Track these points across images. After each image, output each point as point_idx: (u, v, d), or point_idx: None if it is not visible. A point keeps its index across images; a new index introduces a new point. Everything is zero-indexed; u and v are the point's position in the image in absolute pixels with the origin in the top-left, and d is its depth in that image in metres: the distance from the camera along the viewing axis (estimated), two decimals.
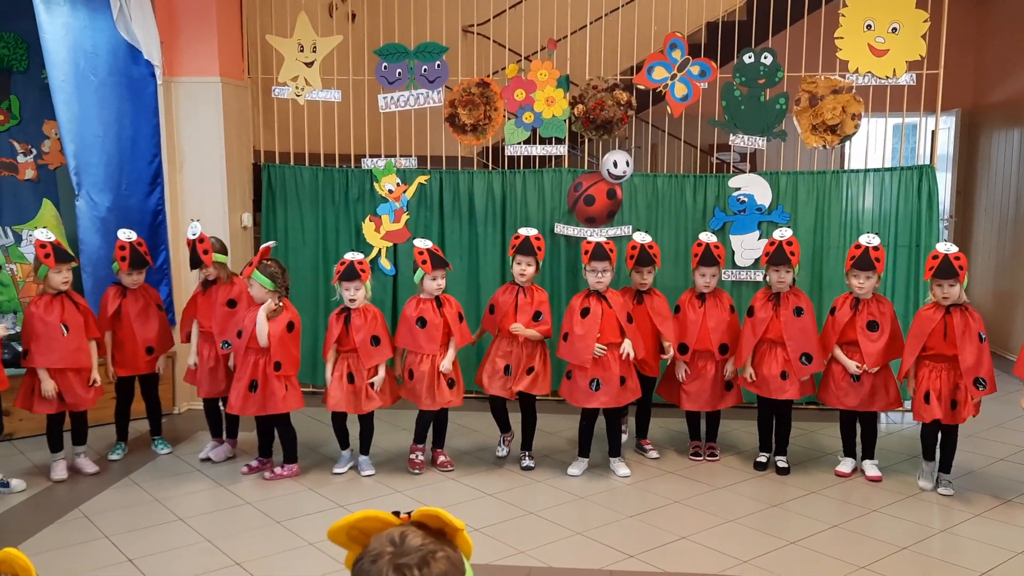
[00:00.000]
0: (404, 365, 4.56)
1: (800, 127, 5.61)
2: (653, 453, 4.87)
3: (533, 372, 4.56)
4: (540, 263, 4.65)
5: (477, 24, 6.21)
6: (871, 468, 4.56)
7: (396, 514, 1.29)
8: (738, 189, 5.70)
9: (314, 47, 5.82)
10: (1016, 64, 7.37)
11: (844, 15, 5.50)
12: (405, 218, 5.87)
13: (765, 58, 5.57)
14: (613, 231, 5.67)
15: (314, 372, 5.83)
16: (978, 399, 4.17)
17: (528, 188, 5.87)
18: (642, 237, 4.72)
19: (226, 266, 4.75)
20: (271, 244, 4.51)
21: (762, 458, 4.72)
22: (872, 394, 4.46)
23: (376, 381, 4.46)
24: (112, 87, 5.19)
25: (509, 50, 6.25)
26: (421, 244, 4.54)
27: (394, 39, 5.81)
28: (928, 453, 4.42)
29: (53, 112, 5.09)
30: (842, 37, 5.50)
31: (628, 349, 4.43)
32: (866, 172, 5.73)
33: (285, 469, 4.53)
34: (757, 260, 5.57)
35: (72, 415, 4.52)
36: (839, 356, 4.49)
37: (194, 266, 4.69)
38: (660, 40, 5.70)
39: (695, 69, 5.61)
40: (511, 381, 4.58)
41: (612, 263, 4.43)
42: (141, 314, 4.74)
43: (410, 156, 5.94)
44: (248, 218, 6.00)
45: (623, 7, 6.00)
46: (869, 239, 4.40)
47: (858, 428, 4.62)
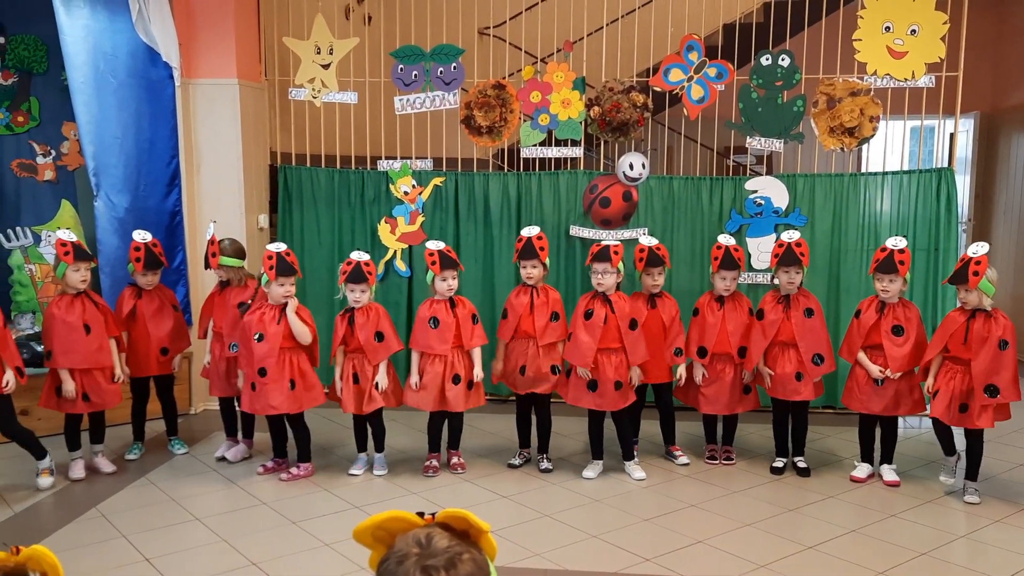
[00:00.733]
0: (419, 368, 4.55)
1: (817, 129, 5.58)
2: (683, 459, 4.81)
3: (559, 373, 4.58)
4: (546, 263, 4.62)
5: (493, 26, 6.21)
6: (889, 472, 4.53)
7: (420, 515, 1.28)
8: (755, 192, 5.68)
9: (331, 49, 5.84)
10: None
11: (862, 17, 5.47)
12: (420, 220, 5.87)
13: (782, 60, 5.55)
14: (628, 233, 5.65)
15: (329, 372, 5.83)
16: (991, 405, 4.12)
17: (543, 190, 5.86)
18: (648, 240, 4.73)
19: (240, 269, 4.75)
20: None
21: (779, 463, 4.69)
22: (896, 399, 4.42)
23: (379, 381, 4.46)
24: (131, 89, 5.22)
25: (525, 52, 6.25)
26: (433, 246, 4.54)
27: (410, 41, 5.82)
28: (947, 448, 4.40)
29: (72, 114, 5.13)
30: (860, 39, 5.47)
31: (636, 379, 4.46)
32: (884, 175, 5.69)
33: (301, 469, 4.54)
34: None
35: (90, 414, 4.55)
36: (863, 361, 4.45)
37: (206, 267, 4.74)
38: (677, 42, 5.69)
39: (712, 71, 5.59)
40: (526, 382, 4.59)
41: (614, 265, 4.39)
42: (156, 315, 4.77)
43: (426, 158, 5.95)
44: (264, 219, 6.02)
45: (639, 9, 5.99)
46: (895, 242, 4.37)
47: (877, 432, 4.59)
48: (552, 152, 5.80)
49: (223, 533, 3.83)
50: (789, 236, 4.54)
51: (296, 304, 4.39)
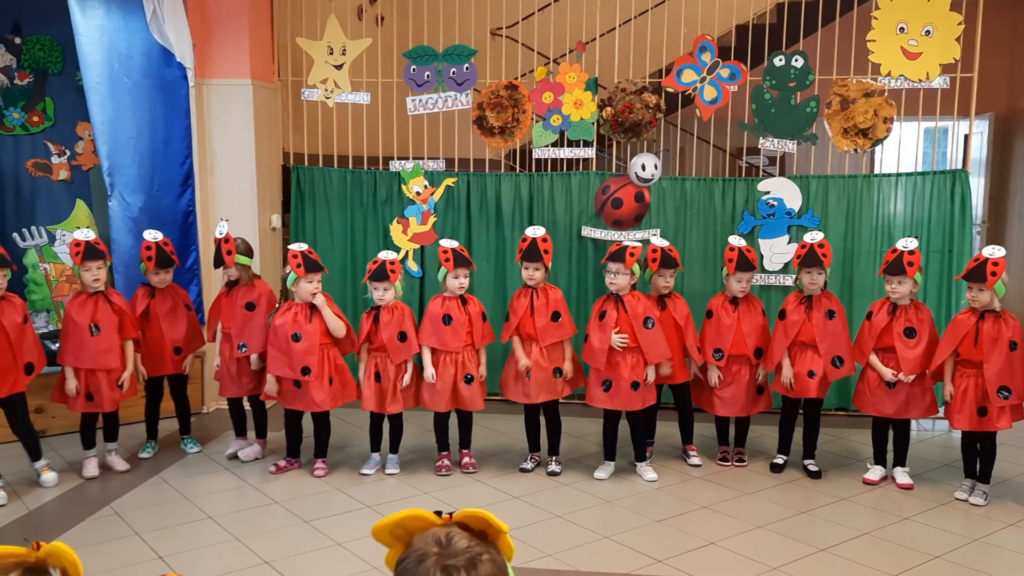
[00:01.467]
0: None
1: (831, 130, 5.56)
2: (695, 460, 4.80)
3: (561, 375, 4.56)
4: (548, 266, 4.57)
5: (506, 27, 6.21)
6: (902, 475, 4.50)
7: (438, 514, 1.28)
8: (767, 193, 5.66)
9: (343, 50, 5.86)
10: None
11: (876, 17, 5.45)
12: (432, 220, 5.88)
13: (796, 61, 5.53)
14: (640, 234, 5.65)
15: (354, 366, 5.84)
16: (1005, 407, 4.09)
17: (555, 191, 5.86)
18: (660, 241, 4.72)
19: (249, 268, 4.76)
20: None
21: (779, 460, 4.69)
22: (908, 401, 4.39)
23: (406, 379, 4.47)
24: (145, 89, 5.24)
25: (537, 53, 6.25)
26: (447, 243, 4.56)
27: (423, 42, 5.83)
28: (969, 469, 4.36)
29: (87, 114, 5.15)
30: (874, 40, 5.45)
31: (651, 376, 4.44)
32: (898, 176, 5.66)
33: (317, 466, 4.58)
34: (787, 264, 5.53)
35: (104, 413, 4.57)
36: (874, 363, 4.43)
37: (217, 265, 4.73)
38: (689, 43, 5.67)
39: (725, 72, 5.58)
40: (529, 386, 4.56)
41: (628, 267, 4.37)
42: (169, 314, 4.78)
43: (438, 158, 5.96)
44: (277, 219, 6.04)
45: (652, 9, 5.98)
46: (906, 243, 4.34)
47: (890, 434, 4.56)
48: (564, 153, 5.80)
49: (236, 531, 3.85)
50: (812, 237, 4.53)
51: (324, 298, 4.43)
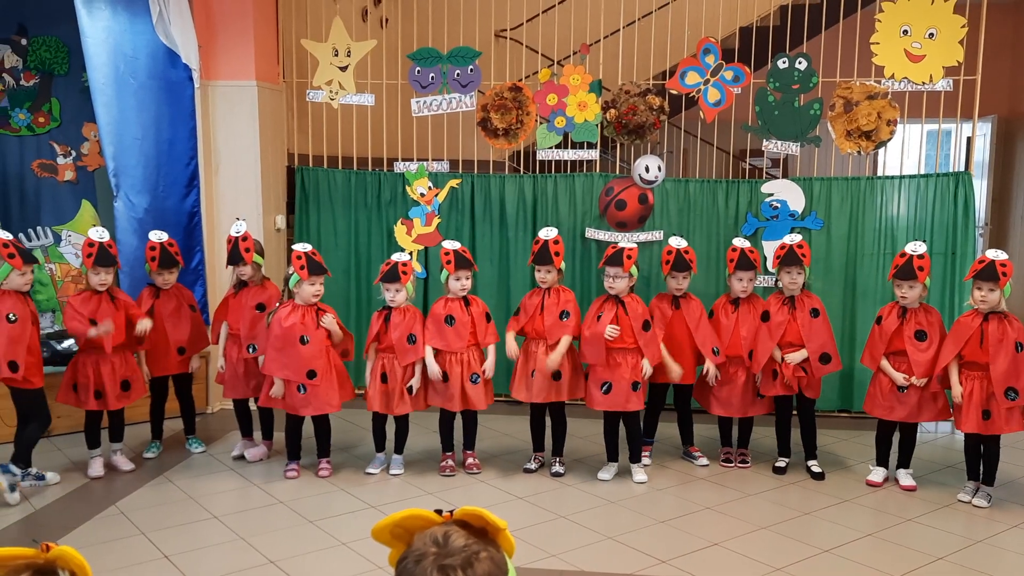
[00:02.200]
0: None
1: (834, 133, 5.57)
2: (703, 460, 4.82)
3: (561, 378, 4.56)
4: (561, 267, 4.58)
5: (510, 29, 6.23)
6: (905, 477, 4.51)
7: (438, 512, 1.29)
8: (771, 195, 5.67)
9: (348, 51, 5.87)
10: None
11: (880, 20, 5.45)
12: (437, 222, 5.90)
13: (799, 63, 5.54)
14: (644, 236, 5.66)
15: (359, 369, 5.85)
16: (1013, 408, 4.10)
17: (559, 192, 5.87)
18: (678, 242, 4.70)
19: (260, 269, 4.78)
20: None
21: (781, 463, 4.70)
22: (920, 405, 4.38)
23: (413, 384, 4.49)
24: (151, 90, 5.26)
25: (541, 55, 6.27)
26: (449, 245, 4.58)
27: (427, 43, 5.84)
28: (972, 471, 4.36)
29: (92, 115, 5.18)
30: (878, 42, 5.46)
31: (648, 370, 4.44)
32: (901, 179, 5.67)
33: (322, 467, 4.60)
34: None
35: (109, 413, 4.59)
36: (886, 368, 4.42)
37: (231, 262, 4.71)
38: (693, 45, 5.68)
39: (728, 74, 5.59)
40: (535, 386, 4.57)
41: (626, 270, 4.38)
42: (173, 314, 4.80)
43: (442, 160, 5.97)
44: (282, 220, 6.06)
45: (656, 12, 5.99)
46: (915, 247, 4.34)
47: (895, 437, 4.56)
48: (568, 154, 5.82)
49: (240, 531, 3.86)
50: (791, 238, 4.57)
51: (332, 316, 4.49)
